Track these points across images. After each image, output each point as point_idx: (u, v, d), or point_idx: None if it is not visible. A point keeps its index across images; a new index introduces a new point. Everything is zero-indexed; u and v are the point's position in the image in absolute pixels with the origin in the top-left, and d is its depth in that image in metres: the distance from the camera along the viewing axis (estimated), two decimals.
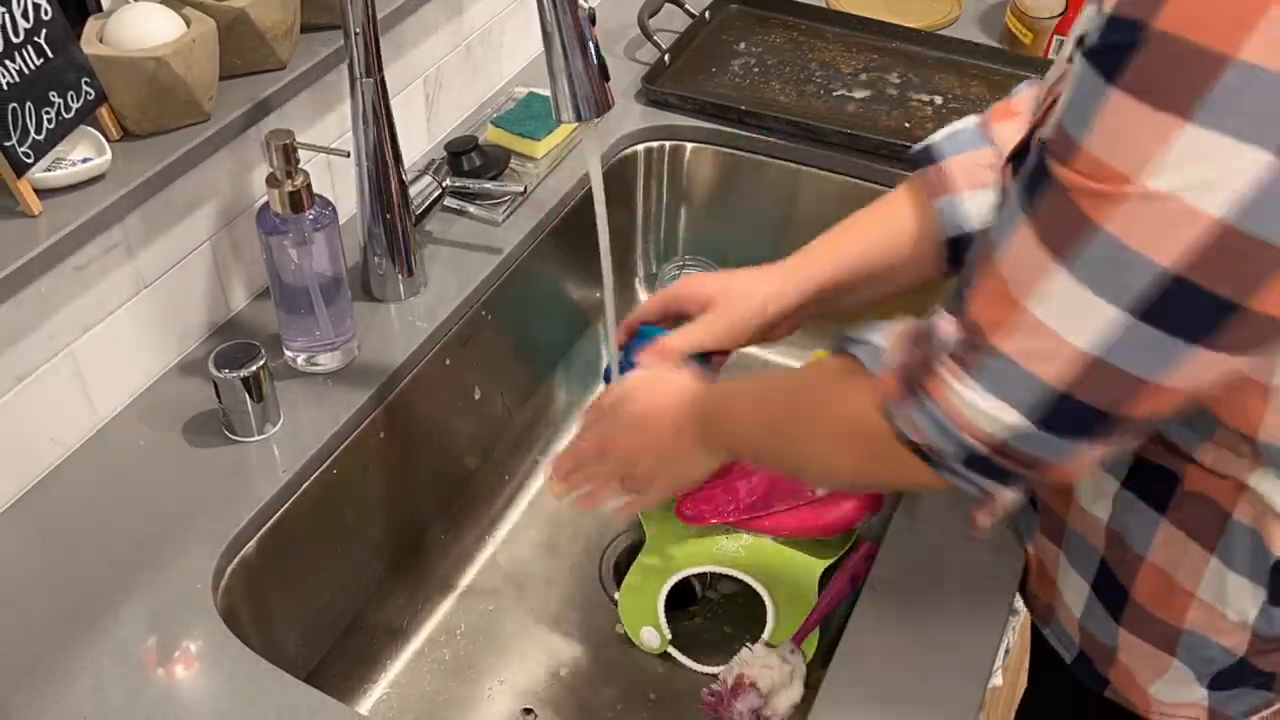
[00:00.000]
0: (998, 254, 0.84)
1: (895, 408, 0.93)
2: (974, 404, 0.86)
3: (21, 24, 1.17)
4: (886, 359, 0.97)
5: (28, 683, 1.11)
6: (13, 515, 1.26)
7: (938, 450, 0.91)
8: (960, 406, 0.87)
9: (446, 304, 1.54)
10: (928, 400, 0.89)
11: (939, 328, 0.89)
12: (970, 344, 0.86)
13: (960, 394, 0.87)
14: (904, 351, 0.94)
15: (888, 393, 0.94)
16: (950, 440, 0.90)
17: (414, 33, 1.64)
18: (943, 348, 0.88)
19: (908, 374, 0.92)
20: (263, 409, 1.33)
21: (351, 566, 1.48)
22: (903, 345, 0.95)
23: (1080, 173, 0.77)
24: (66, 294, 1.25)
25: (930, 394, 0.89)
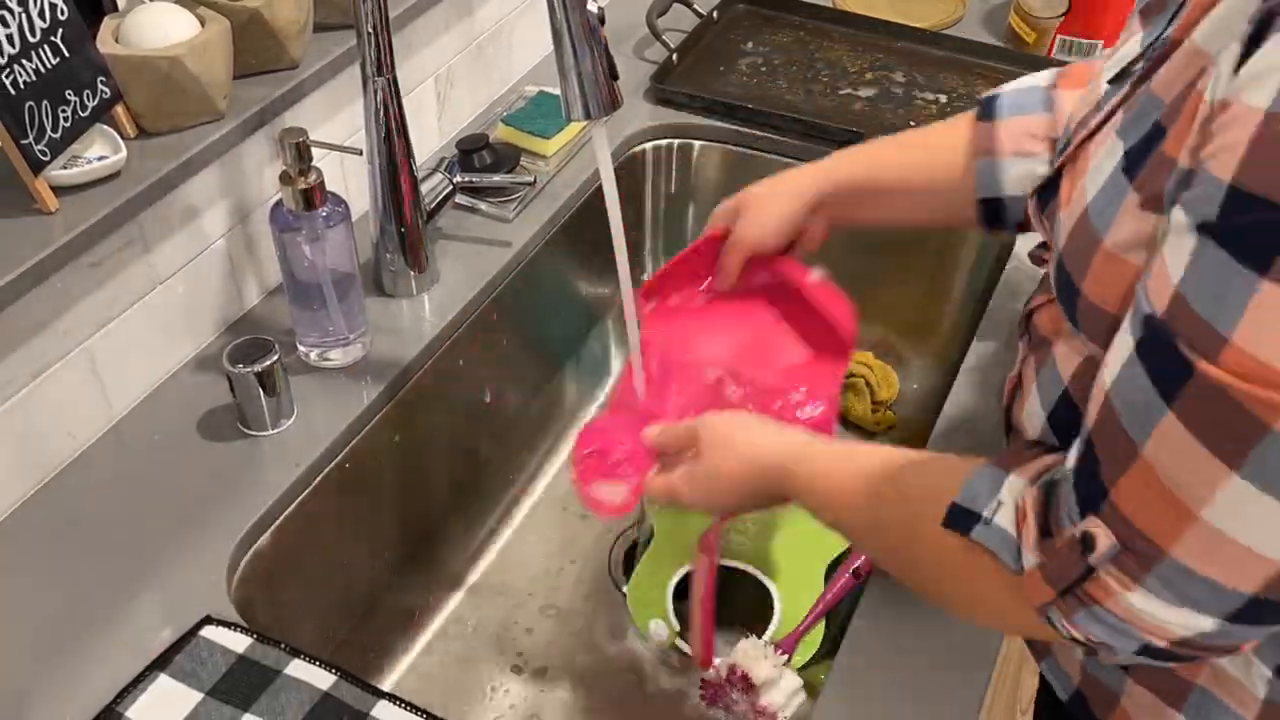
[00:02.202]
0: (1146, 451, 0.76)
1: (1057, 614, 0.85)
2: (1156, 613, 0.79)
3: (38, 24, 1.18)
4: (1027, 559, 0.86)
5: (46, 673, 1.12)
6: (30, 509, 1.27)
7: (1109, 645, 0.84)
8: (1140, 614, 0.80)
9: (458, 300, 1.55)
10: (1102, 611, 0.82)
11: (1093, 536, 0.80)
12: (1136, 552, 0.78)
13: (1137, 603, 0.80)
14: (1042, 547, 0.85)
15: (1037, 596, 0.85)
16: (1128, 640, 0.83)
17: (425, 32, 1.65)
18: (1103, 558, 0.80)
19: (1065, 583, 0.83)
20: (276, 404, 1.34)
21: (364, 559, 1.49)
22: (1042, 542, 0.85)
23: (1238, 374, 0.69)
24: (82, 290, 1.26)
25: (1101, 603, 0.81)
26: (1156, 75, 0.85)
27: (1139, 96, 0.87)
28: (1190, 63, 0.80)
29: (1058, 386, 1.00)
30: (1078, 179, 0.93)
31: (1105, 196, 0.86)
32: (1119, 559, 0.79)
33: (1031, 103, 1.22)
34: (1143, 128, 0.84)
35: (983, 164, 1.23)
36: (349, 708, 1.08)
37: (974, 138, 1.25)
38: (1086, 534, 0.80)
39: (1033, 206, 1.06)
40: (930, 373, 1.91)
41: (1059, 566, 0.83)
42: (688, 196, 1.96)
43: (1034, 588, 0.85)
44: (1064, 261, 0.91)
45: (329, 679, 1.10)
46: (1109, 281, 0.85)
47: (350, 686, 1.10)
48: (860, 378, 1.80)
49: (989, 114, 1.24)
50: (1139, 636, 0.81)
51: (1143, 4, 0.99)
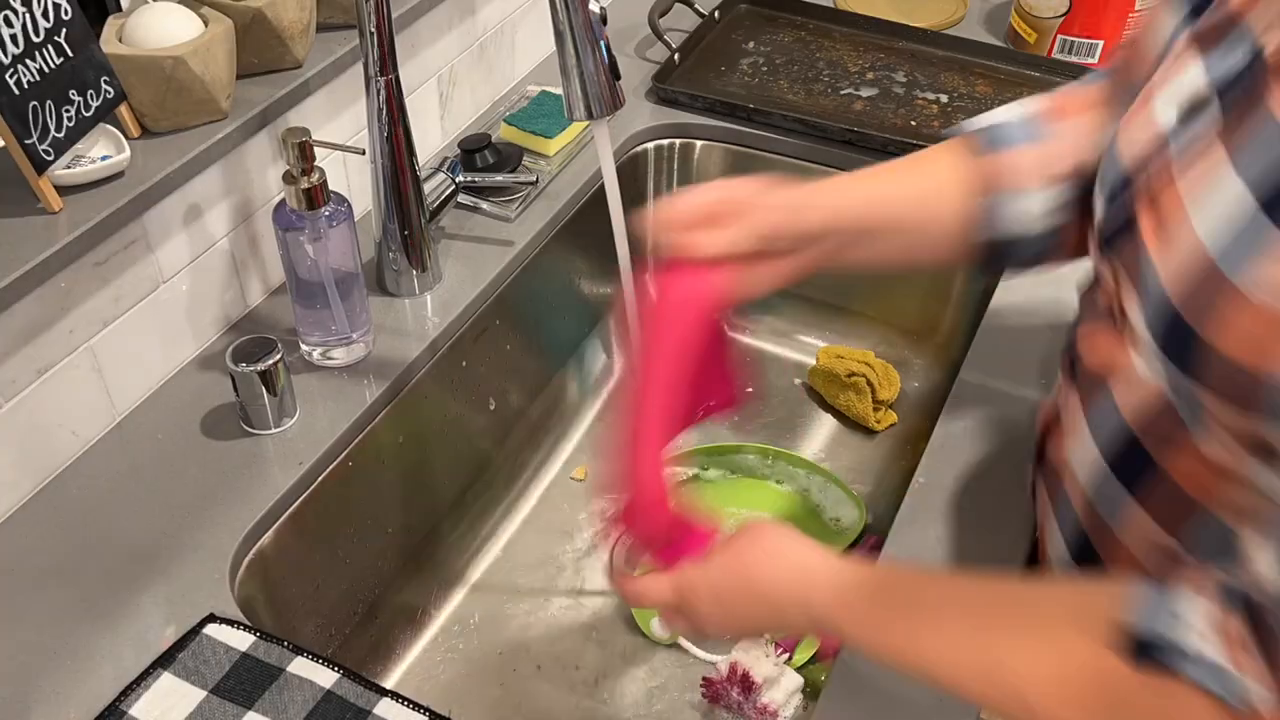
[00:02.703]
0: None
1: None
2: None
3: (42, 23, 1.18)
4: (1247, 688, 0.76)
5: (50, 671, 1.12)
6: (33, 507, 1.27)
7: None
8: None
9: (460, 299, 1.55)
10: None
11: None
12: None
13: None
14: (1274, 676, 0.75)
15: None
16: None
17: (428, 32, 1.66)
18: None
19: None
20: (279, 402, 1.34)
21: (367, 557, 1.49)
22: (1258, 664, 0.76)
23: None
24: (86, 290, 1.26)
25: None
26: (1274, 100, 0.80)
27: (1258, 128, 0.81)
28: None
29: (1116, 424, 0.96)
30: (1167, 219, 0.88)
31: (1236, 237, 0.80)
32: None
33: (1031, 133, 1.14)
34: (1275, 161, 0.79)
35: (985, 203, 1.14)
36: (351, 705, 1.09)
37: (971, 173, 1.15)
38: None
39: (1095, 245, 1.00)
40: (932, 372, 1.91)
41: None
42: None
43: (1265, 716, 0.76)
44: (1174, 303, 0.85)
45: (332, 677, 1.11)
46: (1250, 329, 0.79)
47: (353, 684, 1.10)
48: (861, 376, 1.80)
49: (993, 144, 1.15)
50: None
51: (1186, 30, 0.95)
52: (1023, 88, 1.94)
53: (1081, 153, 1.11)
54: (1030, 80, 1.96)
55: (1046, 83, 1.94)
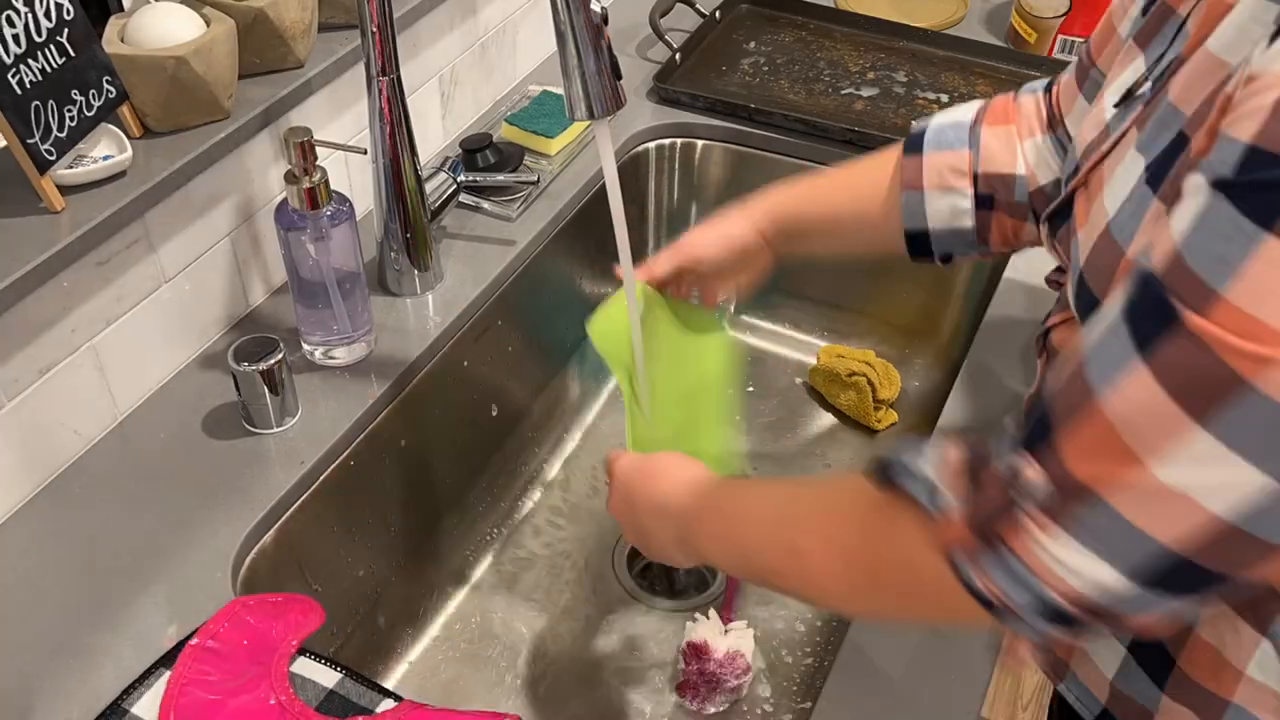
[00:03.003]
0: (1102, 398, 0.75)
1: (962, 556, 0.84)
2: (1066, 560, 0.78)
3: (44, 23, 1.19)
4: (945, 499, 0.86)
5: (53, 669, 1.13)
6: (36, 505, 1.28)
7: (1008, 601, 0.83)
8: (1048, 561, 0.79)
9: (462, 298, 1.55)
10: (1007, 552, 0.80)
11: (1023, 473, 0.80)
12: (1066, 496, 0.77)
13: (1049, 548, 0.78)
14: (969, 492, 0.84)
15: (953, 539, 0.84)
16: (1028, 594, 0.81)
17: (429, 32, 1.66)
18: (1027, 495, 0.79)
19: (980, 520, 0.82)
20: (281, 402, 1.34)
21: (368, 556, 1.50)
22: (963, 482, 0.85)
23: (1225, 327, 0.68)
24: (88, 289, 1.26)
25: (1011, 545, 0.80)
26: (1172, 87, 0.84)
27: (1156, 110, 0.86)
28: (1209, 71, 0.80)
29: None
30: (1092, 199, 0.93)
31: (1128, 210, 0.85)
32: (1043, 498, 0.78)
33: (955, 139, 1.25)
34: (1164, 139, 0.83)
35: (907, 197, 1.25)
36: (354, 705, 1.09)
37: (898, 171, 1.27)
38: (1014, 468, 0.80)
39: (1044, 232, 1.05)
40: (932, 371, 1.91)
41: (979, 502, 0.83)
42: (690, 195, 1.97)
43: (947, 527, 0.85)
44: (1085, 278, 0.90)
45: (334, 677, 1.11)
46: None
47: (355, 684, 1.11)
48: (862, 375, 1.80)
49: (913, 148, 1.26)
50: (1040, 589, 0.80)
51: (1134, 31, 1.00)
52: None
53: (988, 160, 1.22)
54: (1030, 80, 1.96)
55: None
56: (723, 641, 1.47)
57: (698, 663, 1.46)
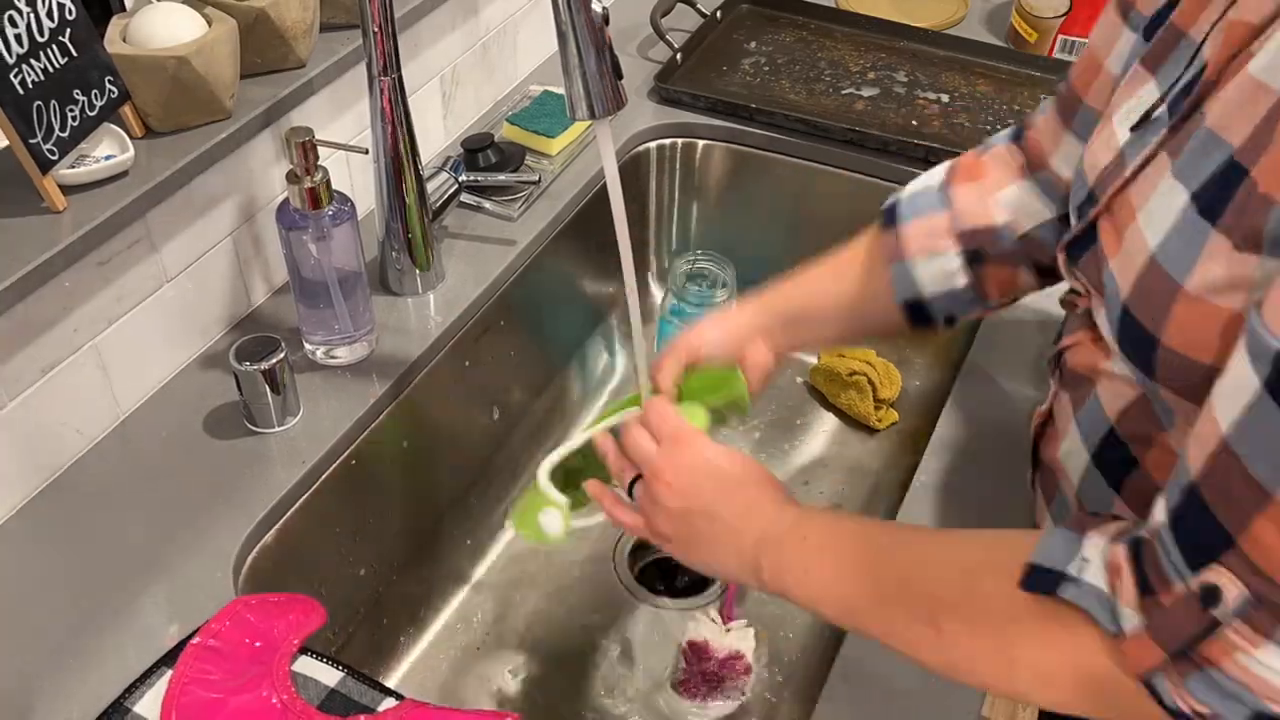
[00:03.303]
0: None
1: (1161, 677, 0.79)
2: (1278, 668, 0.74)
3: (46, 23, 1.19)
4: (1128, 619, 0.80)
5: (55, 668, 1.13)
6: (38, 505, 1.28)
7: (1214, 716, 0.78)
8: (1261, 673, 0.75)
9: (463, 298, 1.55)
10: (1214, 670, 0.76)
11: (1221, 589, 0.75)
12: (1270, 604, 0.73)
13: (1262, 660, 0.74)
14: (1145, 605, 0.79)
15: (1145, 659, 0.79)
16: (1242, 707, 0.77)
17: (431, 32, 1.66)
18: (1236, 611, 0.74)
19: (1176, 640, 0.77)
20: (282, 401, 1.34)
21: (370, 555, 1.50)
22: (1143, 599, 0.79)
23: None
24: (90, 288, 1.27)
25: (1218, 664, 0.76)
26: (1210, 112, 0.83)
27: (1190, 137, 0.85)
28: (1253, 97, 0.79)
29: (1102, 426, 0.99)
30: (1123, 227, 0.91)
31: (1179, 242, 0.83)
32: (1248, 612, 0.74)
33: (928, 204, 1.24)
34: (1209, 167, 0.82)
35: (896, 269, 1.25)
36: (355, 703, 1.09)
37: (880, 248, 1.27)
38: (1208, 586, 0.75)
39: (1062, 260, 1.05)
40: (932, 370, 1.91)
41: (1173, 624, 0.77)
42: (691, 195, 1.97)
43: (1140, 649, 0.80)
44: (1131, 310, 0.88)
45: (336, 675, 1.11)
46: (1197, 328, 0.82)
47: (357, 683, 1.11)
48: (863, 375, 1.80)
49: (890, 221, 1.26)
50: (1254, 702, 0.76)
51: (1135, 56, 1.00)
52: (1023, 87, 1.94)
53: (968, 217, 1.22)
54: (1031, 80, 1.97)
55: (1047, 82, 1.95)
56: (723, 641, 1.47)
57: (698, 662, 1.47)
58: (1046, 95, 1.90)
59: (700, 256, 1.80)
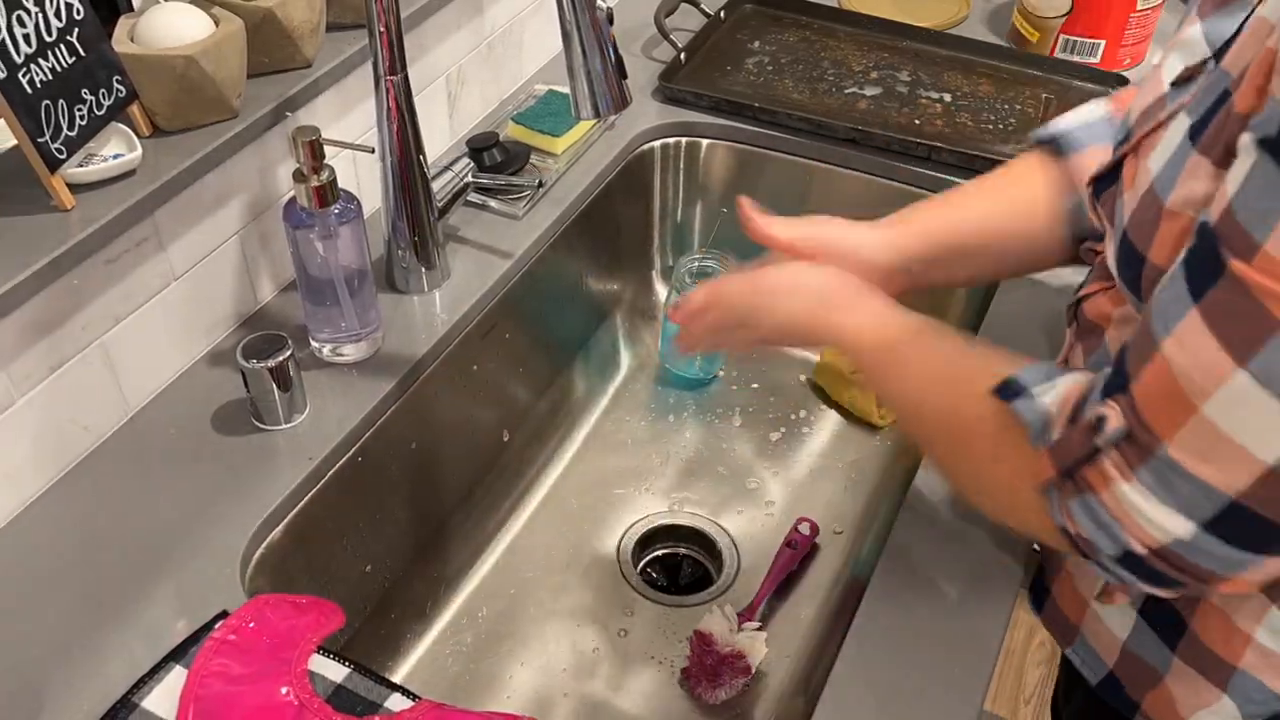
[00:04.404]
0: (1166, 346, 0.79)
1: (1052, 492, 0.89)
2: (1140, 507, 0.82)
3: (54, 23, 1.19)
4: (1050, 433, 0.90)
5: (63, 665, 1.13)
6: (46, 501, 1.28)
7: (1090, 543, 0.87)
8: (1128, 509, 0.82)
9: (468, 296, 1.56)
10: (1089, 494, 0.85)
11: (1106, 419, 0.83)
12: (1139, 442, 0.81)
13: (1127, 495, 0.82)
14: (1065, 429, 0.88)
15: (1044, 472, 0.89)
16: (1109, 538, 0.85)
17: (437, 31, 1.67)
18: (1110, 439, 0.83)
19: (1068, 460, 0.86)
20: (289, 398, 1.35)
21: (376, 551, 1.50)
22: (1065, 418, 0.89)
23: (1263, 272, 0.72)
24: (98, 286, 1.27)
25: (1093, 488, 0.84)
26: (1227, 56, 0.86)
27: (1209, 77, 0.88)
28: (1257, 32, 0.82)
29: None
30: (1140, 162, 0.94)
31: (1171, 166, 0.88)
32: (1121, 446, 0.82)
33: (1105, 132, 1.20)
34: (1209, 100, 0.85)
35: (1076, 202, 1.20)
36: (362, 699, 1.10)
37: (1057, 176, 1.22)
38: (1100, 415, 0.83)
39: (1088, 195, 1.07)
40: None
41: (1068, 444, 0.86)
42: (695, 194, 1.98)
43: (1043, 464, 0.89)
44: (1129, 235, 0.92)
45: (343, 671, 1.11)
46: (1176, 242, 0.86)
47: (363, 679, 1.11)
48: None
49: (1064, 150, 1.21)
50: (1122, 537, 0.84)
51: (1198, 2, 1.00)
52: (1025, 87, 1.95)
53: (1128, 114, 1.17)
54: (1032, 80, 1.97)
55: (1048, 82, 1.95)
56: (730, 638, 1.48)
57: (701, 653, 1.48)
58: (1048, 95, 1.91)
59: (704, 255, 1.81)
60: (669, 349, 1.86)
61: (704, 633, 1.49)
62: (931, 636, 1.18)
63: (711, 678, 1.46)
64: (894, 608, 1.21)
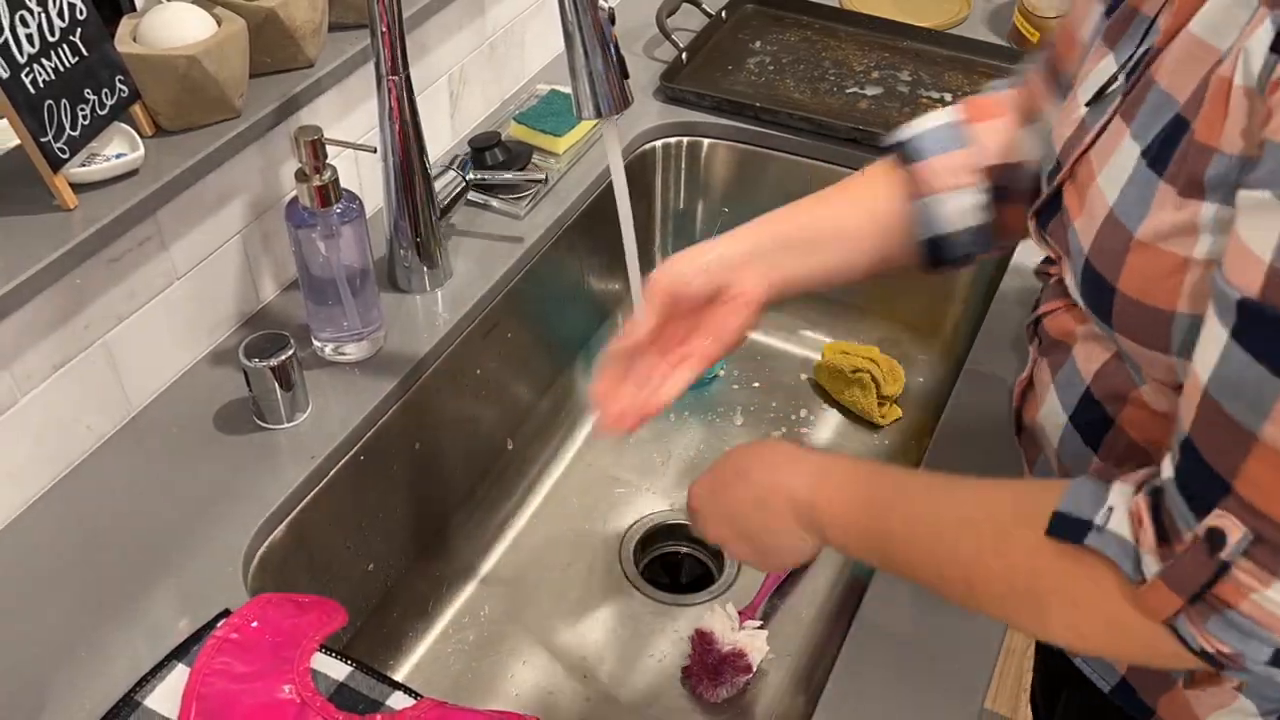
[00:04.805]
0: (1265, 433, 0.74)
1: (1180, 622, 0.82)
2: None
3: (58, 23, 1.20)
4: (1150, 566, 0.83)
5: (67, 664, 1.14)
6: (49, 501, 1.29)
7: (1238, 655, 0.82)
8: (1277, 610, 0.78)
9: (470, 295, 1.56)
10: (1232, 613, 0.79)
11: (1225, 533, 0.78)
12: (1270, 541, 0.76)
13: (1272, 599, 0.77)
14: (1162, 552, 0.82)
15: (1164, 606, 0.82)
16: (1261, 646, 0.80)
17: (439, 31, 1.67)
18: (1238, 551, 0.77)
19: (1190, 586, 0.80)
20: (292, 397, 1.35)
21: (378, 550, 1.51)
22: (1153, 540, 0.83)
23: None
24: (101, 286, 1.27)
25: (1235, 605, 0.79)
26: (1159, 74, 0.86)
27: (1146, 97, 0.88)
28: (1195, 55, 0.82)
29: (1078, 387, 1.01)
30: (1084, 189, 0.94)
31: (1132, 194, 0.87)
32: (1252, 551, 0.77)
33: (950, 140, 1.22)
34: (1159, 124, 0.85)
35: (918, 206, 1.21)
36: (364, 697, 1.10)
37: (902, 182, 1.23)
38: (1212, 530, 0.78)
39: (1033, 226, 1.07)
40: (936, 367, 1.92)
41: (1186, 570, 0.80)
42: (696, 193, 1.98)
43: (1159, 597, 0.82)
44: (1093, 264, 0.91)
45: (345, 670, 1.12)
46: (1148, 274, 0.86)
47: (365, 677, 1.11)
48: (866, 372, 1.81)
49: (912, 156, 1.22)
50: (1273, 640, 0.79)
51: (1102, 31, 1.01)
52: None
53: (992, 153, 1.20)
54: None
55: None
56: (731, 637, 1.48)
57: (702, 652, 1.48)
58: None
59: None
60: None
61: (705, 631, 1.49)
62: (932, 635, 1.19)
63: (713, 676, 1.47)
64: (895, 605, 1.21)
